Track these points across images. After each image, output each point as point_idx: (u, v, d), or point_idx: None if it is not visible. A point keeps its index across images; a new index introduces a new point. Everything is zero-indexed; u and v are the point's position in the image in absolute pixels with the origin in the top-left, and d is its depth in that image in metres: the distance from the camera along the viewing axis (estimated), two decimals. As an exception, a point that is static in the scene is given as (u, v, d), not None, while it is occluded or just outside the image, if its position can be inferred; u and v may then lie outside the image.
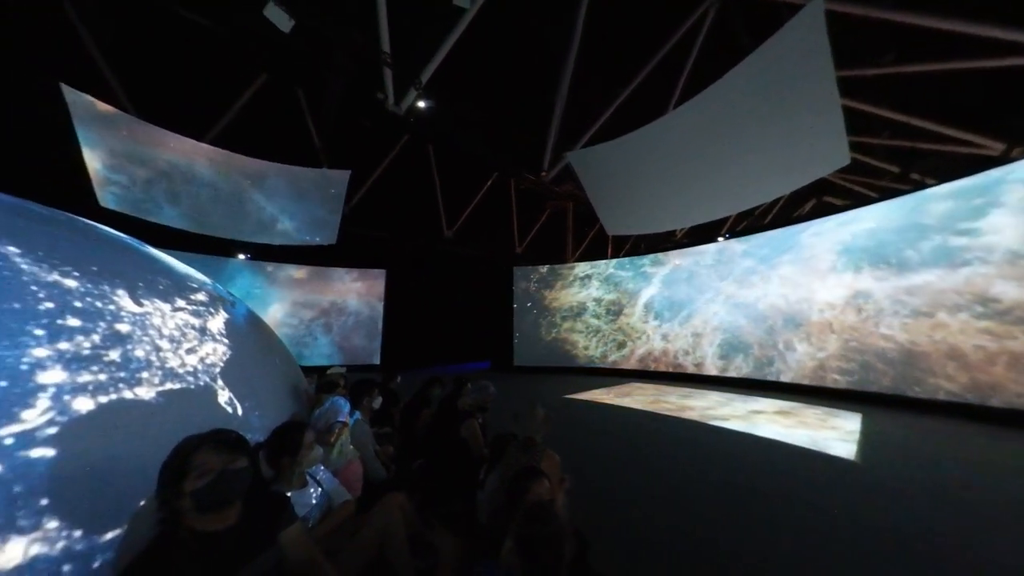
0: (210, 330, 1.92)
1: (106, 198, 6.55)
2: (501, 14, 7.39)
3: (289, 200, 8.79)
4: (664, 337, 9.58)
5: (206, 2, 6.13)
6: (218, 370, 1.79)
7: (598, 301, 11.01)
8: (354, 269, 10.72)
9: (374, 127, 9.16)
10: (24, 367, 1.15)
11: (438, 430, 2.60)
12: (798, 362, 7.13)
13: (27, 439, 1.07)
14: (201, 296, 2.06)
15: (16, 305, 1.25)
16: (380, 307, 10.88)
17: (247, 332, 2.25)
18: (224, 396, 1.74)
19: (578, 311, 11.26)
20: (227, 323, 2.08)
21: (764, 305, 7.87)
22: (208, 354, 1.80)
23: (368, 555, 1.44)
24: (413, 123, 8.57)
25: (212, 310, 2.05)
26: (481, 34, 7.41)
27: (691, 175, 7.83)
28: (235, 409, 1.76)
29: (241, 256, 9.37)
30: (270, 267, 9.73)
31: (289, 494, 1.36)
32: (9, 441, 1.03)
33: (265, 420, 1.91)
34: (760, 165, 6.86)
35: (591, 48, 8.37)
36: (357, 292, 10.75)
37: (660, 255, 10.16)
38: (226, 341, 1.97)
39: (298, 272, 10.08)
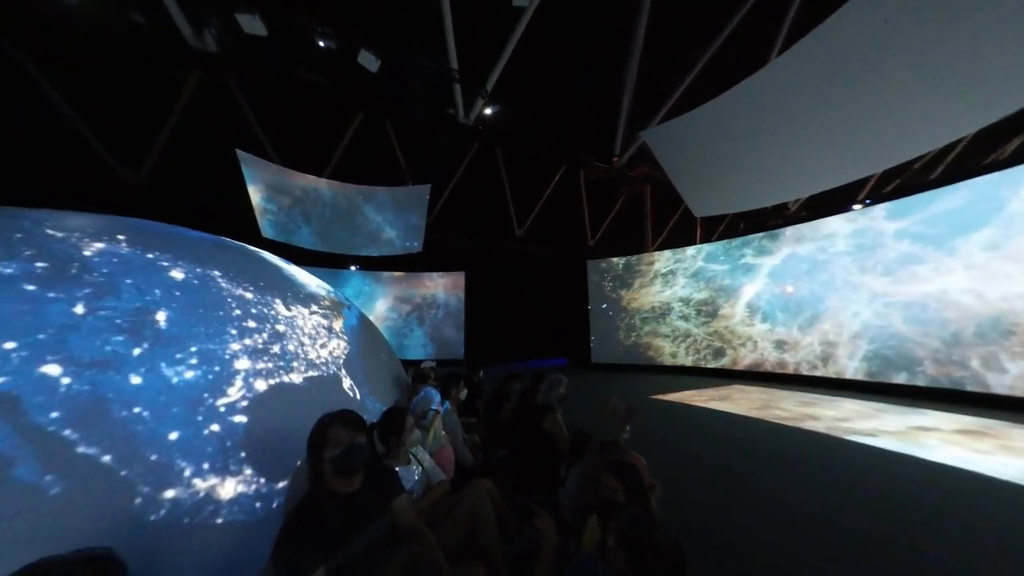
0: (335, 329, 2.36)
1: (265, 227, 8.60)
2: (560, 2, 7.20)
3: (388, 215, 10.19)
4: (779, 345, 7.63)
5: (318, 62, 7.47)
6: (342, 361, 2.19)
7: (685, 301, 9.49)
8: (438, 272, 11.82)
9: (448, 141, 9.94)
10: (226, 357, 1.60)
11: (519, 423, 2.69)
12: (1009, 387, 4.83)
13: (232, 408, 1.48)
14: (327, 302, 2.54)
15: (220, 312, 1.73)
16: (462, 306, 11.77)
17: (360, 331, 2.69)
18: (347, 383, 2.12)
19: (661, 312, 9.93)
20: (346, 324, 2.53)
21: (942, 303, 5.46)
22: (334, 349, 2.21)
23: (461, 533, 1.56)
24: (481, 131, 9.06)
25: (335, 313, 2.51)
26: (541, 29, 7.37)
27: (808, 127, 6.11)
28: (355, 394, 2.13)
29: (352, 267, 11.23)
30: (374, 274, 11.45)
31: (397, 469, 1.59)
32: (222, 409, 1.45)
33: (377, 404, 2.26)
34: (925, 89, 4.74)
35: (663, 14, 7.52)
36: (443, 292, 11.86)
37: (766, 241, 8.06)
38: (346, 338, 2.39)
39: (394, 277, 11.61)
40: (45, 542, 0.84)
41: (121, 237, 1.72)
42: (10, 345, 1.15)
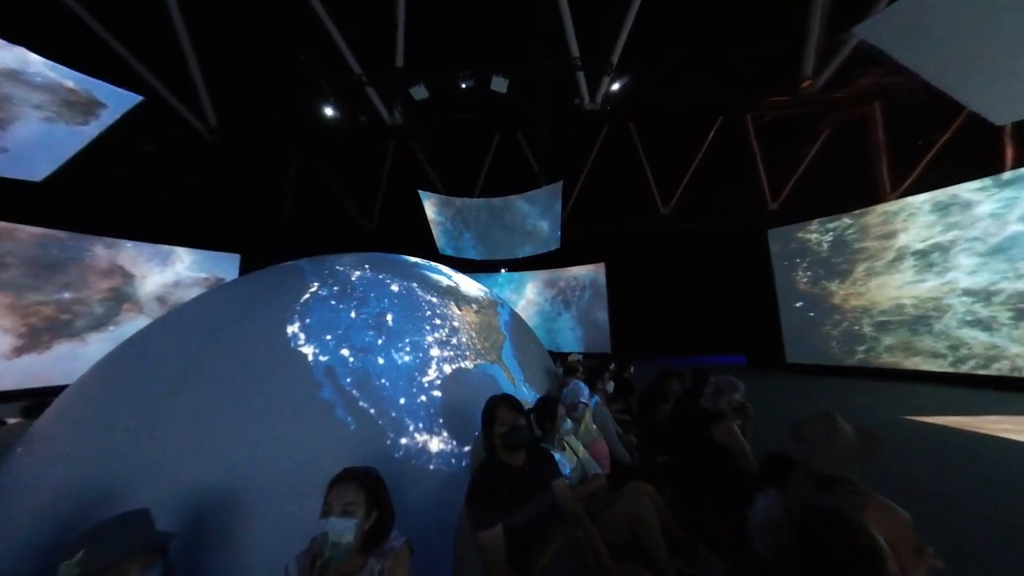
0: (493, 325, 2.75)
1: (438, 236, 11.09)
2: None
3: (530, 219, 11.09)
4: None
5: (462, 101, 8.85)
6: (501, 353, 2.53)
7: (980, 295, 5.36)
8: (578, 266, 11.85)
9: (576, 133, 9.83)
10: (426, 347, 2.13)
11: (679, 427, 2.37)
12: None
13: (432, 385, 1.96)
14: (486, 302, 2.99)
15: (419, 313, 2.32)
16: (605, 299, 11.38)
17: (513, 326, 3.03)
18: (505, 372, 2.43)
19: (922, 312, 5.95)
20: (501, 320, 2.90)
21: None
22: (495, 341, 2.58)
23: (621, 534, 1.52)
24: (610, 111, 8.48)
25: (492, 311, 2.92)
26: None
27: None
28: (513, 381, 2.41)
29: (503, 270, 12.78)
30: (519, 274, 12.64)
31: (555, 454, 1.70)
32: (426, 384, 1.94)
33: (532, 392, 2.49)
34: None
35: None
36: (583, 286, 11.84)
37: None
38: (503, 333, 2.74)
39: (537, 276, 12.43)
40: (345, 459, 1.37)
41: (367, 266, 2.57)
42: (328, 337, 1.91)
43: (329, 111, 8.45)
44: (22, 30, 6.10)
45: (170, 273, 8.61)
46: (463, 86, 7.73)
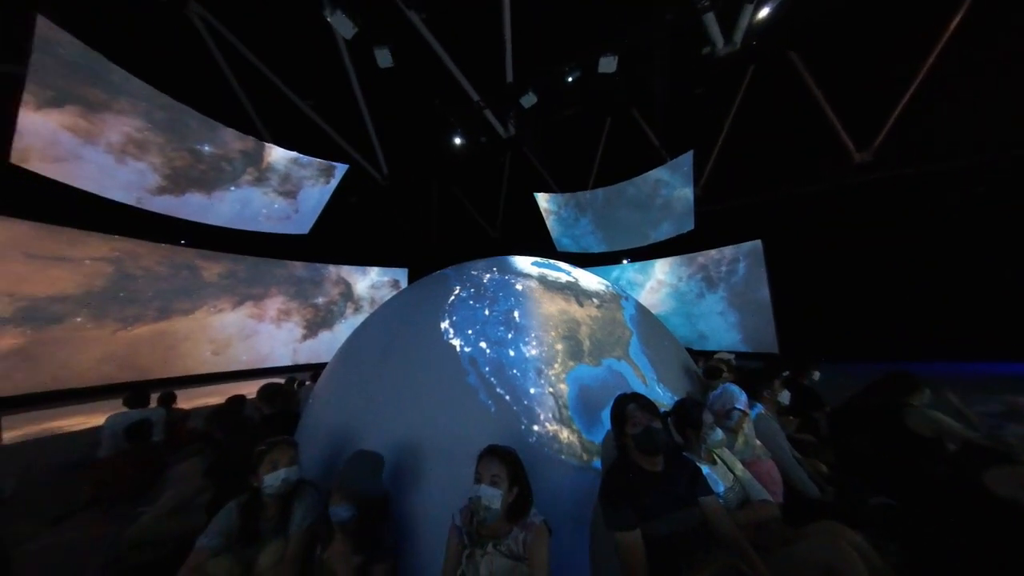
0: (618, 320, 2.59)
1: (555, 231, 11.21)
2: None
3: (654, 200, 9.92)
4: None
5: (571, 94, 8.67)
6: (628, 349, 2.36)
7: None
8: (721, 249, 9.72)
9: (709, 89, 8.13)
10: (550, 340, 2.19)
11: (909, 462, 1.63)
12: None
13: (557, 378, 2.01)
14: (608, 296, 2.84)
15: (540, 309, 2.42)
16: (764, 286, 8.91)
17: (640, 320, 2.77)
18: (635, 369, 2.25)
19: None
20: (626, 314, 2.70)
21: None
22: (620, 338, 2.43)
23: None
24: (757, 45, 6.60)
25: (616, 305, 2.76)
26: None
27: None
28: (644, 380, 2.21)
29: (625, 261, 11.86)
30: (646, 264, 11.38)
31: (703, 468, 1.46)
32: (552, 377, 2.01)
33: (667, 392, 2.22)
34: None
35: None
36: (728, 273, 9.62)
37: None
38: (629, 328, 2.55)
39: (666, 264, 10.86)
40: (489, 436, 1.55)
41: (495, 268, 2.86)
42: (469, 331, 2.23)
43: (457, 140, 9.90)
44: (282, 132, 9.68)
45: (367, 281, 12.33)
46: (569, 80, 7.59)
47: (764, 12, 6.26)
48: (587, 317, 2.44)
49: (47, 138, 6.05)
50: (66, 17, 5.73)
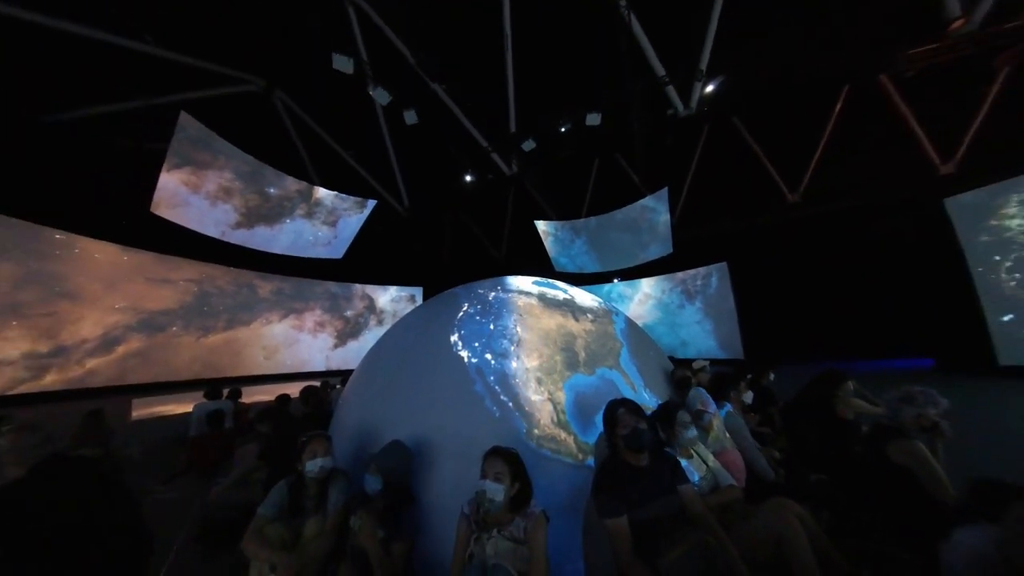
0: (610, 333, 2.57)
1: (552, 251, 11.20)
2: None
3: (638, 227, 9.97)
4: None
5: (565, 140, 8.96)
6: (619, 359, 2.33)
7: None
8: (695, 269, 9.73)
9: (676, 141, 8.51)
10: (549, 354, 2.18)
11: (838, 443, 1.76)
12: None
13: (555, 387, 1.99)
14: (601, 311, 2.83)
15: (539, 324, 2.42)
16: (731, 300, 8.88)
17: (629, 333, 2.75)
18: (625, 378, 2.21)
19: None
20: (616, 328, 2.68)
21: None
22: (611, 349, 2.40)
23: (760, 552, 1.23)
24: (709, 112, 7.19)
25: (608, 320, 2.74)
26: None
27: None
28: (633, 387, 2.17)
29: (615, 280, 11.82)
30: (633, 283, 11.34)
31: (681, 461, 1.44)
32: (551, 387, 1.99)
33: (652, 399, 2.17)
34: None
35: None
36: (703, 287, 9.58)
37: None
38: (619, 340, 2.53)
39: (651, 279, 10.80)
40: (494, 438, 1.53)
41: (499, 287, 2.88)
42: (476, 344, 2.22)
43: (468, 177, 10.25)
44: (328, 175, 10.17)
45: (388, 296, 12.51)
46: (562, 130, 7.89)
47: (711, 87, 7.22)
48: (582, 331, 2.43)
49: (171, 191, 7.08)
50: (198, 111, 6.83)
